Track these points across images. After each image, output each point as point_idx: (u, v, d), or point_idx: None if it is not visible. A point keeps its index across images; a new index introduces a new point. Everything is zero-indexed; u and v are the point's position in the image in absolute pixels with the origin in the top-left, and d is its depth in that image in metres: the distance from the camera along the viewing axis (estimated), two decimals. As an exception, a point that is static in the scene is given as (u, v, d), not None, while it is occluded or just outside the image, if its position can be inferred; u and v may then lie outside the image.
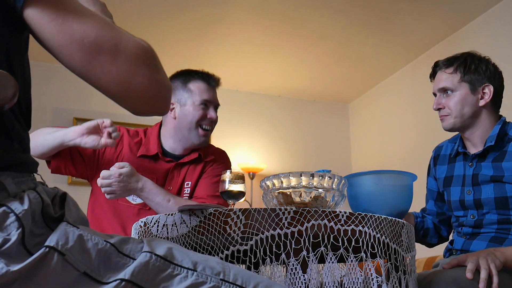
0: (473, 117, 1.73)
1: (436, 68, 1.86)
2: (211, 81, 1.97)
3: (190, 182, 1.94)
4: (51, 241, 0.70)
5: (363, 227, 1.16)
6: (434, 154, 1.94)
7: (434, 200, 1.89)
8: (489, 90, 1.73)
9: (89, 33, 0.76)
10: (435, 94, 1.84)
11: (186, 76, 1.99)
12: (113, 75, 0.77)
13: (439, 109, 1.79)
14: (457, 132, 1.83)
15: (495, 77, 1.77)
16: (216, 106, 1.98)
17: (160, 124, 2.03)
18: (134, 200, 1.85)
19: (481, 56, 1.80)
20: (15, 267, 0.66)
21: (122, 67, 0.77)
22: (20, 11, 0.75)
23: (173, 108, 1.96)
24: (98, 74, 0.77)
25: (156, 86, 0.81)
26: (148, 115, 0.86)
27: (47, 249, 0.69)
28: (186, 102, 1.94)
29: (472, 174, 1.72)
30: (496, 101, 1.76)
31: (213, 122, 1.97)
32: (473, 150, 1.76)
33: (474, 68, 1.75)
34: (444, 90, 1.77)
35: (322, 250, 1.13)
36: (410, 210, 1.73)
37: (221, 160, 2.05)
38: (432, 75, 1.90)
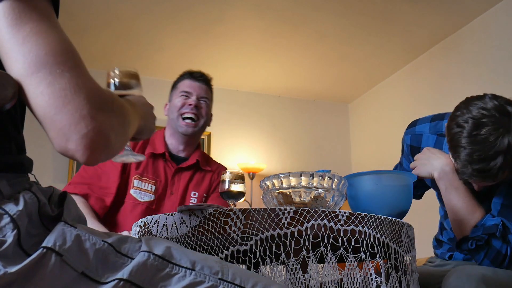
0: None
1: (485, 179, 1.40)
2: (193, 75, 2.09)
3: (197, 193, 2.02)
4: (48, 241, 0.70)
5: (363, 227, 1.16)
6: (411, 142, 1.74)
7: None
8: None
9: (40, 48, 0.69)
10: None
11: (178, 78, 2.15)
12: (44, 97, 0.68)
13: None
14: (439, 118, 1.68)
15: None
16: (199, 97, 2.05)
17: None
18: (141, 198, 1.91)
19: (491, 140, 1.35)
20: (13, 269, 0.66)
21: (57, 92, 0.68)
22: None
23: (168, 108, 2.12)
24: (30, 93, 0.69)
25: (87, 123, 0.68)
26: (69, 155, 0.71)
27: (45, 250, 0.69)
28: (172, 97, 2.10)
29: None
30: None
31: (196, 110, 2.02)
32: None
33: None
34: None
35: (322, 250, 1.12)
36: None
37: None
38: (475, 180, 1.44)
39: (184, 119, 2.02)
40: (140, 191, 1.93)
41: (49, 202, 0.77)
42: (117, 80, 1.06)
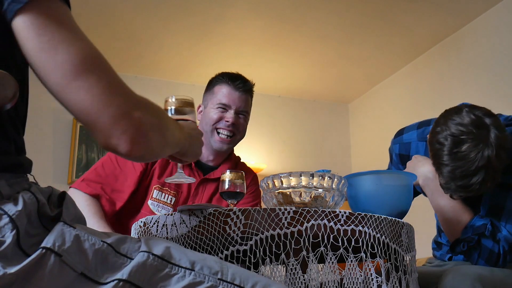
0: None
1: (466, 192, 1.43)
2: (235, 84, 1.89)
3: None
4: (47, 242, 0.70)
5: (363, 227, 1.16)
6: (399, 151, 1.76)
7: None
8: None
9: (73, 57, 0.73)
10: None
11: (215, 78, 1.95)
12: (85, 103, 0.74)
13: None
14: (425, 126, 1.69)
15: None
16: (238, 111, 1.88)
17: None
18: (158, 211, 1.83)
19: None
20: (12, 269, 0.66)
21: (97, 97, 0.74)
22: (9, 22, 0.73)
23: (201, 111, 1.95)
24: (71, 100, 0.74)
25: (126, 122, 0.76)
26: (117, 153, 0.78)
27: (44, 250, 0.69)
28: (207, 104, 1.92)
29: None
30: None
31: (233, 127, 1.87)
32: None
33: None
34: None
35: (322, 250, 1.12)
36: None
37: (251, 184, 1.97)
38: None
39: (219, 133, 1.87)
40: (158, 203, 1.83)
41: (48, 202, 0.77)
42: (173, 107, 1.20)
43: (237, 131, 1.90)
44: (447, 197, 1.52)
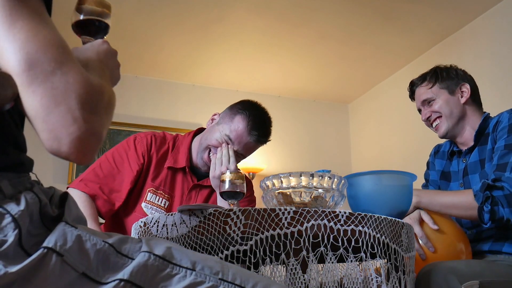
0: (461, 118, 1.88)
1: (413, 87, 2.01)
2: (252, 131, 1.87)
3: None
4: (49, 242, 0.70)
5: (363, 227, 1.16)
6: (435, 150, 2.07)
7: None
8: (466, 88, 1.89)
9: (30, 46, 0.67)
10: (419, 111, 1.99)
11: (245, 107, 1.91)
12: (36, 97, 0.67)
13: (428, 119, 1.93)
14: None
15: (467, 77, 1.96)
16: (238, 152, 1.88)
17: (194, 135, 1.99)
18: (151, 214, 1.83)
19: (447, 65, 2.00)
20: (13, 269, 0.66)
21: (48, 91, 0.67)
22: None
23: (214, 119, 1.95)
24: (23, 92, 0.68)
25: (80, 125, 0.68)
26: (62, 157, 0.70)
27: (45, 250, 0.69)
28: (221, 123, 1.90)
29: (464, 167, 1.84)
30: (475, 98, 1.91)
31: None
32: (464, 148, 1.89)
33: (445, 74, 1.93)
34: (426, 102, 1.93)
35: (322, 250, 1.13)
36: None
37: (248, 189, 1.96)
38: (411, 95, 2.04)
39: (209, 153, 1.88)
40: (152, 206, 1.84)
41: (50, 203, 0.77)
42: (89, 6, 1.05)
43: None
44: (443, 192, 1.73)
